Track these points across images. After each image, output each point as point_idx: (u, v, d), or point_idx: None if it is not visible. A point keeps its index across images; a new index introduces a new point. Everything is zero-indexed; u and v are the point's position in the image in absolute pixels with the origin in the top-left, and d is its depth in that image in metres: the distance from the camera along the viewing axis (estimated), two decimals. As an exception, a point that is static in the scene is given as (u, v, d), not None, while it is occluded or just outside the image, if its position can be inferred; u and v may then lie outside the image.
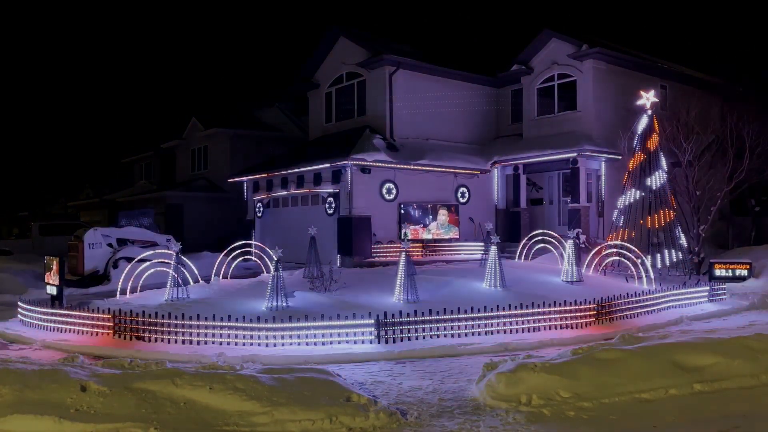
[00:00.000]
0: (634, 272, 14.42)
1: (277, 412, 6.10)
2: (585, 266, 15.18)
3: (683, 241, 17.10)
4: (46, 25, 64.86)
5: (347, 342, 9.70)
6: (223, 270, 15.79)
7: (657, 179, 17.01)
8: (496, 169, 22.22)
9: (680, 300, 13.19)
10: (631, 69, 21.38)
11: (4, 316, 12.56)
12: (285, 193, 21.95)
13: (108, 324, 10.50)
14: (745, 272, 15.68)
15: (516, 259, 17.77)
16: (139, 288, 13.62)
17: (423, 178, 20.62)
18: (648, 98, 17.40)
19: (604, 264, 15.67)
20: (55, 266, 12.39)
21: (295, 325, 9.71)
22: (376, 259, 18.81)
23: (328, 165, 19.57)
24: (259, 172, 22.92)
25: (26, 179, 47.28)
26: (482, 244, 18.88)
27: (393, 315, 10.01)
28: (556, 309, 10.85)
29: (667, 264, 16.55)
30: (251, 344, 9.64)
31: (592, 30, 24.67)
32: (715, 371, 7.45)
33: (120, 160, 41.32)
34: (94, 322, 10.66)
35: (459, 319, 10.20)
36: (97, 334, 10.55)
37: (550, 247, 17.25)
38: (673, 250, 16.70)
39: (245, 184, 24.06)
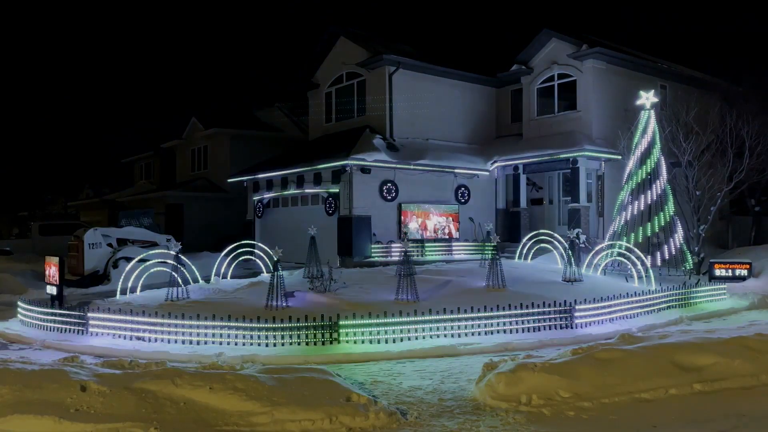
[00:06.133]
0: (634, 272, 14.42)
1: (277, 412, 6.10)
2: (585, 266, 15.18)
3: (683, 240, 17.08)
4: (46, 25, 64.90)
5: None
6: (223, 270, 15.79)
7: (657, 179, 16.99)
8: (496, 169, 22.21)
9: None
10: (631, 69, 21.37)
11: (5, 315, 12.55)
12: (285, 193, 21.95)
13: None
14: (745, 272, 15.67)
15: (516, 259, 17.77)
16: (139, 288, 13.62)
17: (423, 178, 20.61)
18: (648, 98, 17.39)
19: (603, 264, 15.67)
20: (55, 266, 12.38)
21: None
22: (376, 258, 18.81)
23: (328, 165, 19.57)
24: (259, 172, 22.91)
25: (26, 179, 47.19)
26: (482, 243, 18.90)
27: (392, 314, 10.00)
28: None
29: (667, 264, 16.53)
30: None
31: (592, 30, 24.69)
32: (715, 371, 7.44)
33: (120, 160, 41.31)
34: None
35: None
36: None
37: (550, 247, 17.25)
38: (673, 250, 16.68)
39: (245, 184, 24.06)
